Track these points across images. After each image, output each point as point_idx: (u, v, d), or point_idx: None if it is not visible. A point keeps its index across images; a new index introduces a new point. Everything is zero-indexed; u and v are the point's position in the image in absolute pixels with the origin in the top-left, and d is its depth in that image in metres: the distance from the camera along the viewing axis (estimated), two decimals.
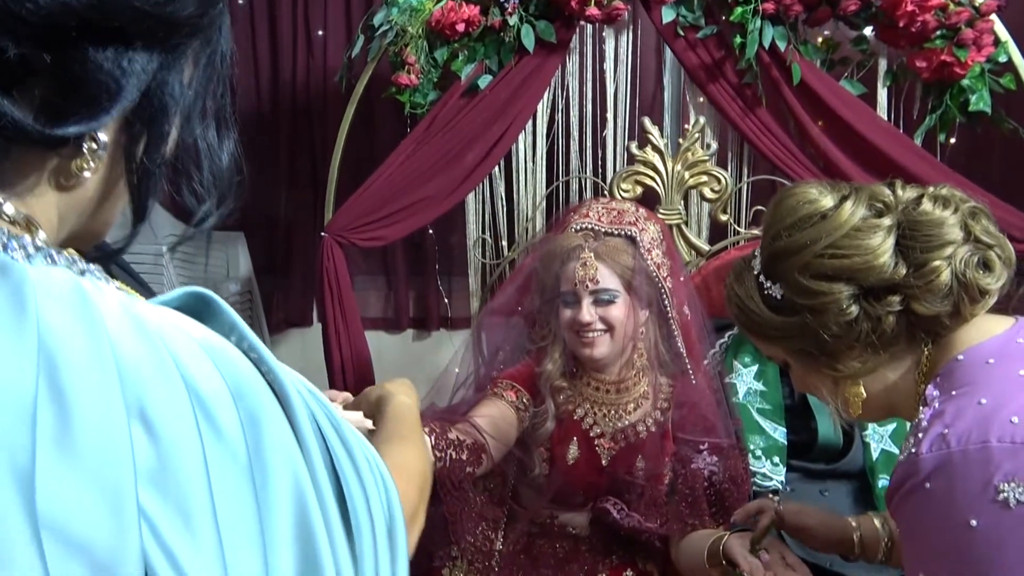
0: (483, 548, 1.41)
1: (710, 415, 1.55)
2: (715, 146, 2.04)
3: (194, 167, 0.61)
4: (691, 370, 1.60)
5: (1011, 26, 1.90)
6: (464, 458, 1.33)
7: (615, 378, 1.58)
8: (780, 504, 1.29)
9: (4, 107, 0.46)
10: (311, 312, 2.83)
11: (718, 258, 1.99)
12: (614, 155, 2.16)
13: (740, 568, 1.19)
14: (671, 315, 1.60)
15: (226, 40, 0.62)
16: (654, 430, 1.57)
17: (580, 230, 1.57)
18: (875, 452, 1.59)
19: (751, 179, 2.10)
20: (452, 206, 2.11)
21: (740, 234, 2.07)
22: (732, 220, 2.07)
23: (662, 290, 1.58)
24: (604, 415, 1.58)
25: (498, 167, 2.15)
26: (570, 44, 2.05)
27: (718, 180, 2.00)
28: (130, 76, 0.51)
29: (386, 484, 0.60)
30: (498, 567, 1.45)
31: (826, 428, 1.61)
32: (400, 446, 0.83)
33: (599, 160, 2.18)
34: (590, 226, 1.57)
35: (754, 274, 1.02)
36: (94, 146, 0.53)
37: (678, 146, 2.04)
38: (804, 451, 1.63)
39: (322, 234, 2.08)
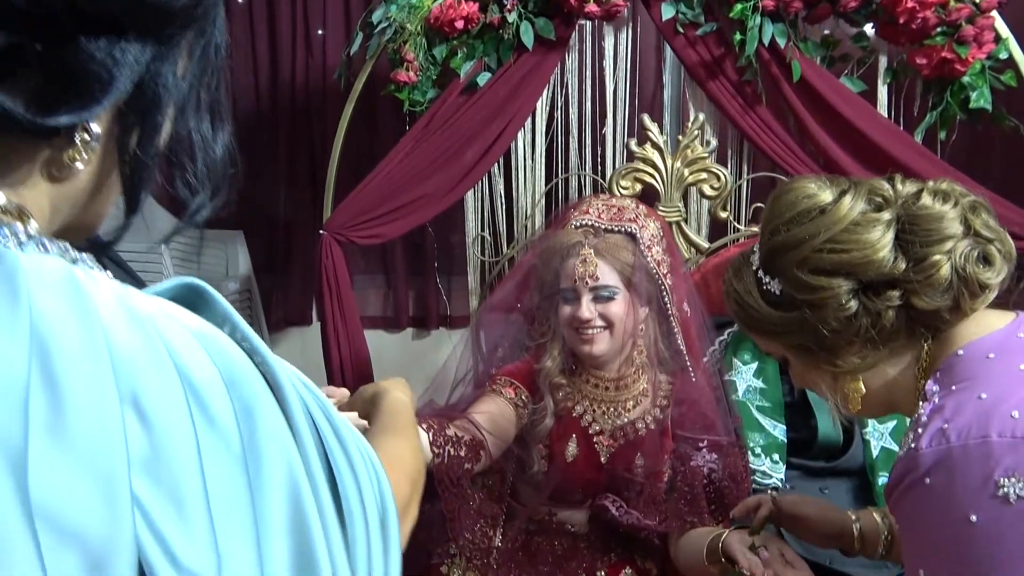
0: (481, 545, 1.41)
1: (710, 412, 1.55)
2: (715, 143, 2.04)
3: (188, 159, 0.60)
4: (691, 367, 1.59)
5: (1012, 23, 1.89)
6: (462, 455, 1.32)
7: (614, 375, 1.58)
8: (778, 497, 1.28)
9: None
10: (310, 311, 2.83)
11: (717, 255, 1.98)
12: (613, 152, 2.15)
13: (739, 565, 1.19)
14: (671, 312, 1.59)
15: (220, 31, 0.62)
16: (653, 427, 1.56)
17: (580, 226, 1.57)
18: (875, 450, 1.59)
19: (751, 176, 2.09)
20: (451, 204, 2.10)
21: (740, 231, 2.06)
22: (732, 217, 2.06)
23: (662, 287, 1.57)
24: (603, 412, 1.57)
25: (497, 165, 2.15)
26: (569, 41, 2.05)
27: (718, 177, 2.00)
28: (123, 67, 0.51)
29: (379, 475, 0.60)
30: (496, 564, 1.45)
31: (826, 425, 1.60)
32: (393, 439, 0.83)
33: (598, 157, 2.17)
34: (590, 223, 1.57)
35: (752, 269, 1.01)
36: (87, 137, 0.52)
37: (677, 143, 2.03)
38: (804, 449, 1.62)
39: (320, 232, 2.08)
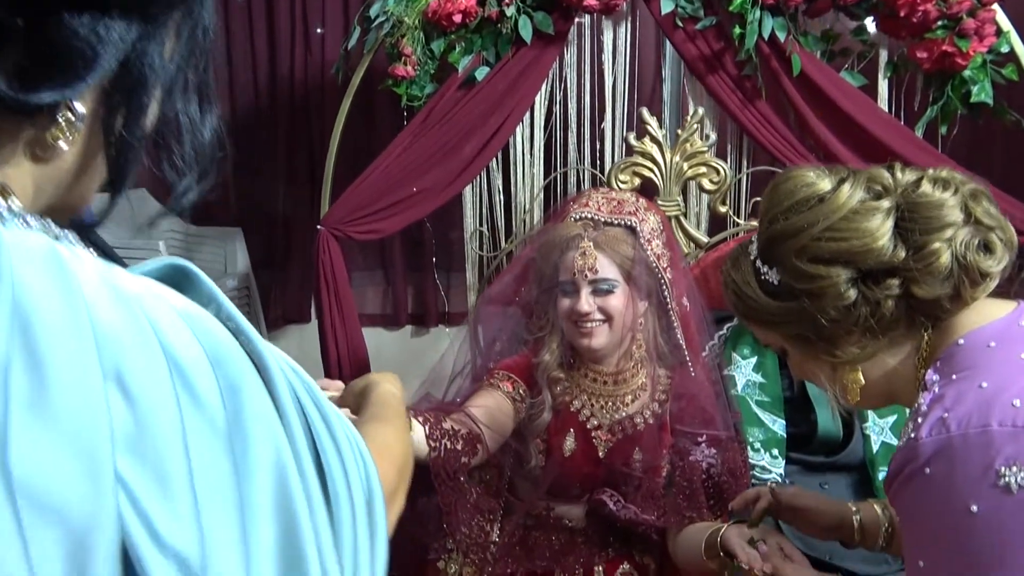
0: (478, 540, 1.40)
1: (709, 407, 1.54)
2: (714, 137, 2.03)
3: (175, 142, 0.60)
4: (690, 362, 1.58)
5: (1013, 16, 1.88)
6: (459, 448, 1.31)
7: (613, 369, 1.57)
8: (776, 488, 1.27)
9: None
10: (309, 308, 2.82)
11: (717, 250, 1.97)
12: (612, 147, 2.14)
13: (738, 559, 1.17)
14: (670, 306, 1.58)
15: (209, 13, 0.61)
16: (652, 422, 1.55)
17: (579, 219, 1.56)
18: (875, 444, 1.58)
19: (750, 170, 2.08)
20: (449, 198, 2.09)
21: (739, 226, 2.05)
22: (731, 212, 2.05)
23: (661, 281, 1.56)
24: (601, 407, 1.56)
25: (496, 159, 2.14)
26: (568, 35, 2.04)
27: (717, 171, 1.99)
28: (107, 44, 0.50)
29: (365, 460, 0.59)
30: (493, 559, 1.44)
31: (826, 420, 1.59)
32: (381, 427, 0.82)
33: (597, 152, 2.16)
34: (590, 215, 1.56)
35: (751, 259, 1.00)
36: (70, 116, 0.52)
37: (676, 137, 2.02)
38: (803, 444, 1.61)
39: (318, 227, 2.07)
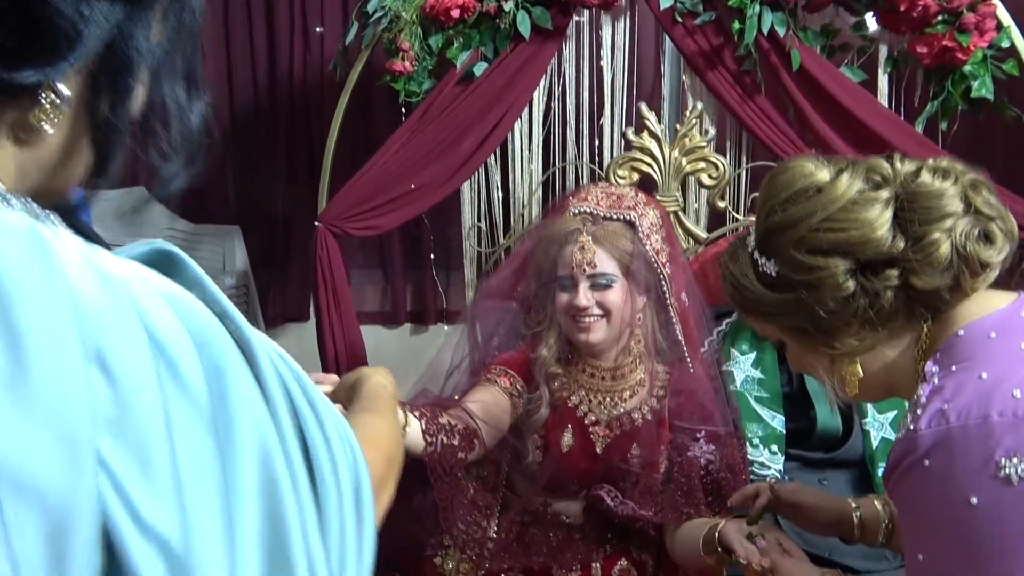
0: (475, 536, 1.39)
1: (707, 403, 1.53)
2: (713, 132, 2.02)
3: (162, 127, 0.59)
4: (688, 358, 1.57)
5: (1013, 11, 1.87)
6: (455, 443, 1.30)
7: (611, 365, 1.56)
8: (776, 484, 1.26)
9: None
10: (308, 307, 2.81)
11: (716, 245, 1.96)
12: (611, 142, 2.13)
13: (736, 554, 1.16)
14: (669, 302, 1.57)
15: None
16: (650, 418, 1.54)
17: (578, 214, 1.55)
18: (875, 440, 1.57)
19: (750, 165, 2.07)
20: (448, 194, 2.09)
21: (738, 221, 2.04)
22: (730, 207, 2.04)
23: (661, 276, 1.55)
24: (599, 402, 1.55)
25: (494, 155, 2.13)
26: (566, 31, 2.03)
27: (716, 166, 1.98)
28: (90, 24, 0.50)
29: (354, 450, 0.59)
30: (490, 555, 1.43)
31: (825, 416, 1.59)
32: (370, 418, 0.82)
33: (596, 148, 2.15)
34: (589, 210, 1.55)
35: (748, 251, 0.99)
36: (54, 98, 0.51)
37: (675, 132, 2.01)
38: (803, 439, 1.61)
39: (315, 223, 2.06)
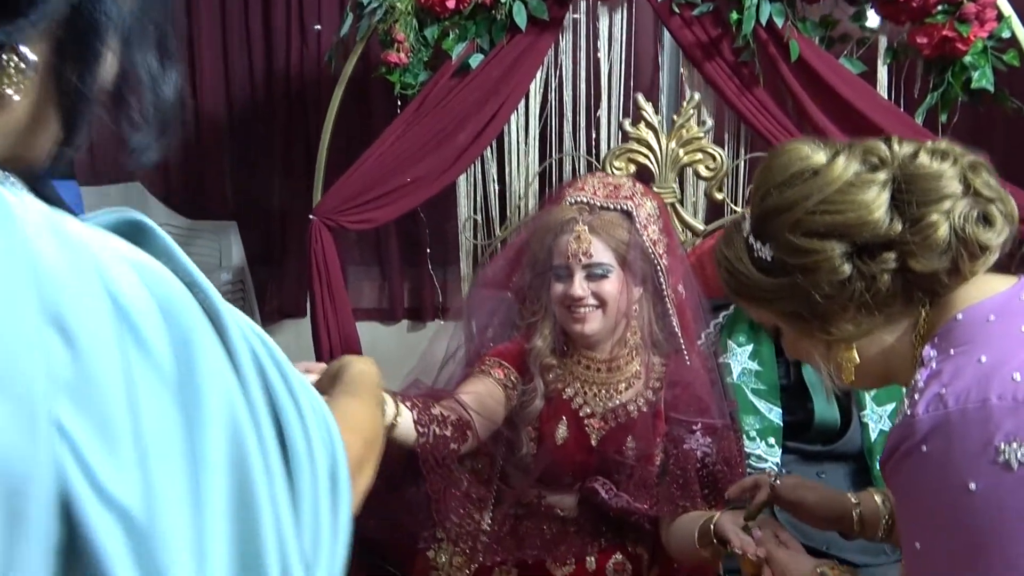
0: (468, 528, 1.37)
1: (704, 395, 1.51)
2: (710, 123, 2.00)
3: (134, 97, 0.57)
4: (685, 350, 1.55)
5: (1014, 1, 1.85)
6: (448, 434, 1.28)
7: (607, 356, 1.54)
8: (777, 480, 1.24)
9: None
10: (305, 303, 2.80)
11: (713, 237, 1.94)
12: (608, 134, 2.11)
13: (732, 545, 1.14)
14: (666, 293, 1.56)
15: None
16: (645, 410, 1.52)
17: (575, 203, 1.53)
18: (873, 433, 1.55)
19: (748, 156, 2.05)
20: (443, 187, 2.07)
21: (736, 213, 2.02)
22: (728, 199, 2.02)
23: (657, 267, 1.54)
24: (595, 395, 1.53)
25: (490, 148, 2.12)
26: (563, 22, 2.02)
27: (713, 158, 1.96)
28: None
29: (330, 429, 0.57)
30: (484, 548, 1.41)
31: (823, 408, 1.57)
32: (350, 400, 0.80)
33: (593, 140, 2.14)
34: (585, 199, 1.53)
35: (743, 236, 0.97)
36: (18, 62, 0.49)
37: (673, 123, 2.00)
38: (800, 432, 1.59)
39: (310, 217, 2.05)
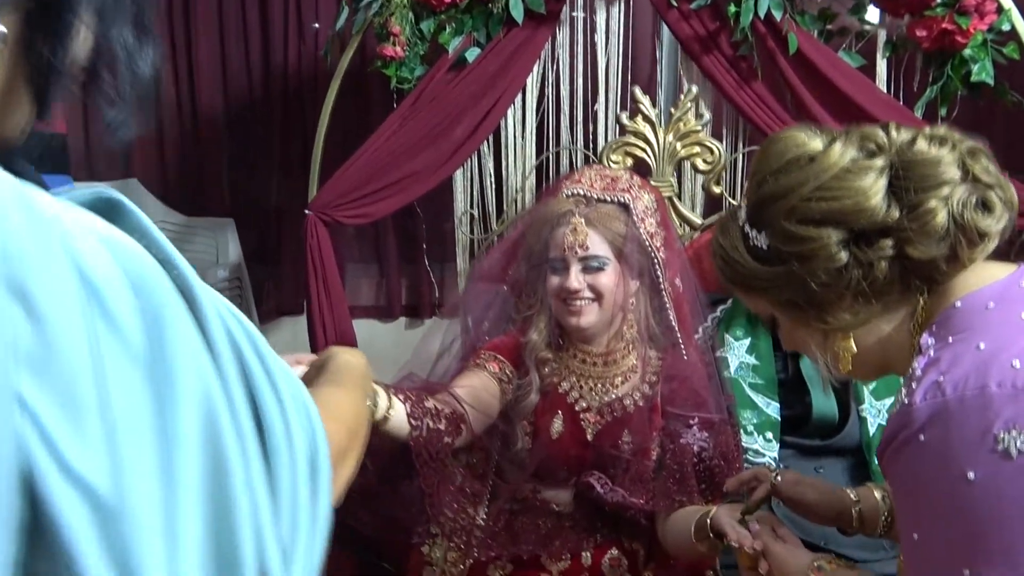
0: (462, 523, 1.36)
1: (701, 389, 1.49)
2: (708, 116, 1.99)
3: (109, 73, 0.56)
4: (682, 344, 1.54)
5: None
6: (442, 428, 1.27)
7: (603, 350, 1.52)
8: (778, 476, 1.23)
9: None
10: (303, 301, 2.79)
11: (711, 231, 1.93)
12: (605, 129, 2.10)
13: (728, 538, 1.13)
14: (663, 287, 1.54)
15: None
16: (642, 404, 1.51)
17: (572, 196, 1.52)
18: (872, 427, 1.54)
19: (746, 150, 2.04)
20: (440, 182, 2.06)
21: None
22: (726, 192, 2.01)
23: (655, 260, 1.52)
24: (590, 389, 1.52)
25: (487, 142, 2.11)
26: (560, 15, 2.01)
27: (711, 151, 1.95)
28: None
29: (310, 416, 0.55)
30: (478, 544, 1.39)
31: (821, 402, 1.56)
32: (333, 390, 0.79)
33: (590, 134, 2.13)
34: (582, 192, 1.52)
35: (739, 224, 0.96)
36: None
37: (670, 116, 1.99)
38: (798, 426, 1.58)
39: (306, 212, 2.04)
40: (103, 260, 0.44)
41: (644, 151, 1.96)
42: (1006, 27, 1.83)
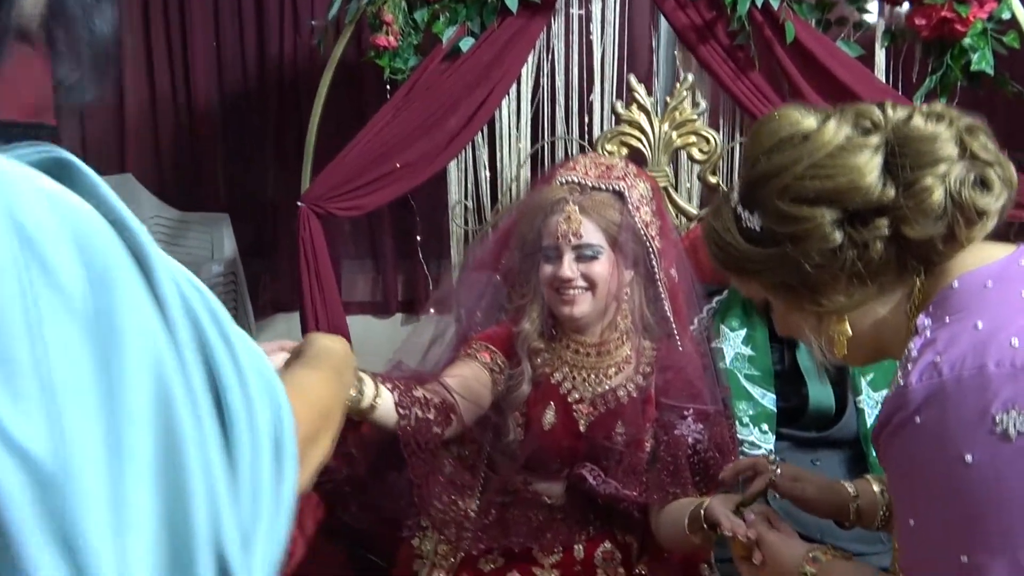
0: (452, 515, 1.33)
1: (696, 380, 1.47)
2: (704, 105, 1.97)
3: (63, 30, 0.54)
4: (677, 334, 1.52)
5: None
6: (431, 417, 1.25)
7: (596, 340, 1.50)
8: (777, 469, 1.20)
9: None
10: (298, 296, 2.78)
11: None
12: (601, 119, 2.08)
13: (722, 527, 1.10)
14: (658, 276, 1.52)
15: None
16: (635, 395, 1.48)
17: (566, 183, 1.50)
18: (869, 418, 1.52)
19: (743, 140, 2.01)
20: (434, 173, 2.04)
21: None
22: (723, 183, 1.99)
23: (649, 249, 1.50)
24: (583, 379, 1.50)
25: (481, 133, 2.08)
26: (555, 4, 1.98)
27: (707, 140, 1.93)
28: None
29: (277, 395, 0.53)
30: (469, 536, 1.37)
31: (818, 393, 1.53)
32: (307, 371, 0.76)
33: (585, 125, 2.11)
34: (576, 179, 1.50)
35: (731, 206, 0.94)
36: None
37: (666, 105, 1.96)
38: (794, 418, 1.56)
39: (298, 204, 2.02)
40: (44, 215, 0.42)
41: (639, 140, 1.94)
42: (1006, 15, 1.81)
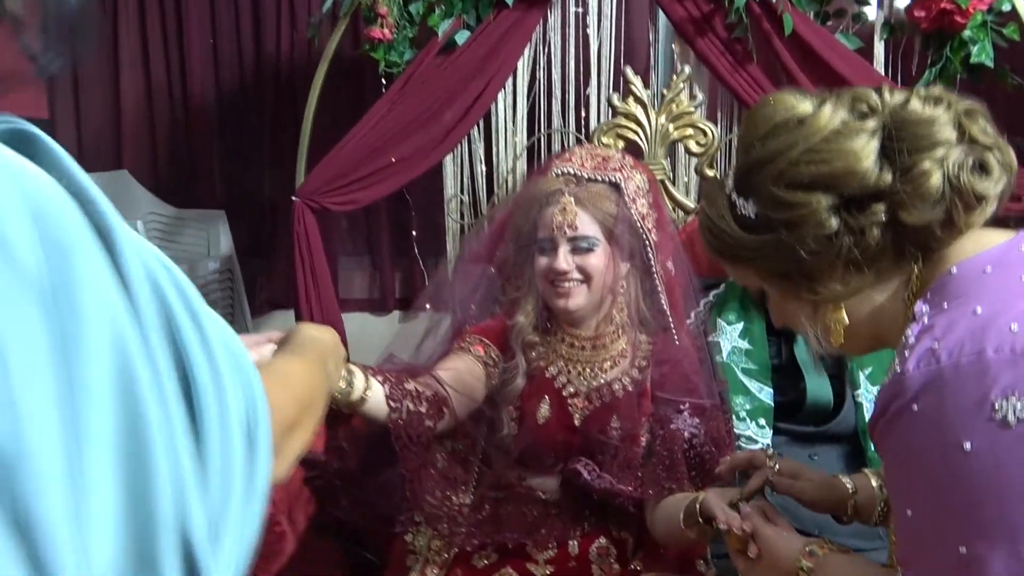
0: (445, 510, 1.31)
1: (692, 374, 1.45)
2: (701, 97, 1.95)
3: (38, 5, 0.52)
4: (673, 328, 1.50)
5: None
6: (423, 410, 1.23)
7: (591, 334, 1.48)
8: (776, 465, 1.18)
9: None
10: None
11: None
12: (598, 112, 2.06)
13: (717, 520, 1.08)
14: (654, 269, 1.50)
15: None
16: (631, 389, 1.47)
17: (561, 175, 1.48)
18: (867, 412, 1.49)
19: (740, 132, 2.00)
20: (430, 167, 2.03)
21: None
22: (719, 175, 1.97)
23: (646, 242, 1.48)
24: (578, 373, 1.48)
25: (477, 127, 2.07)
26: None
27: (704, 133, 1.91)
28: None
29: (251, 381, 0.51)
30: (463, 532, 1.35)
31: (815, 387, 1.52)
32: (288, 359, 0.75)
33: (582, 119, 2.09)
34: (572, 171, 1.48)
35: (726, 193, 0.92)
36: None
37: (663, 98, 1.95)
38: (792, 413, 1.54)
39: (292, 198, 2.00)
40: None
41: (636, 133, 1.93)
42: (1006, 7, 1.80)
